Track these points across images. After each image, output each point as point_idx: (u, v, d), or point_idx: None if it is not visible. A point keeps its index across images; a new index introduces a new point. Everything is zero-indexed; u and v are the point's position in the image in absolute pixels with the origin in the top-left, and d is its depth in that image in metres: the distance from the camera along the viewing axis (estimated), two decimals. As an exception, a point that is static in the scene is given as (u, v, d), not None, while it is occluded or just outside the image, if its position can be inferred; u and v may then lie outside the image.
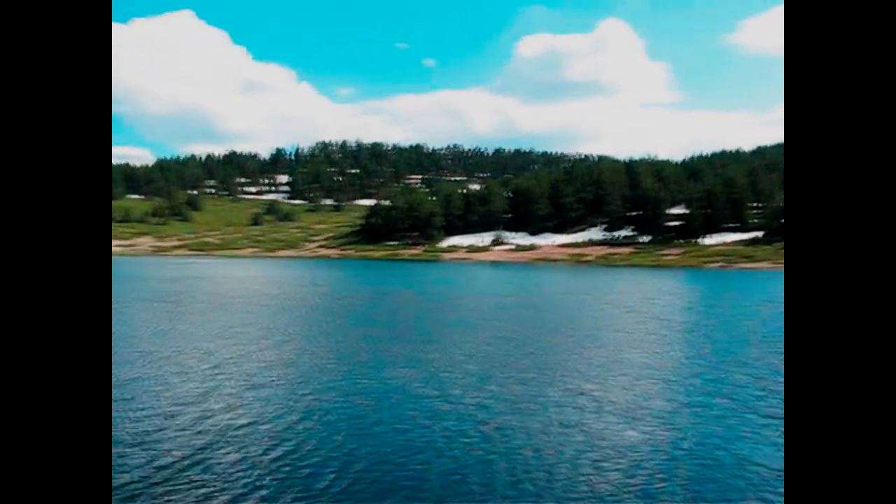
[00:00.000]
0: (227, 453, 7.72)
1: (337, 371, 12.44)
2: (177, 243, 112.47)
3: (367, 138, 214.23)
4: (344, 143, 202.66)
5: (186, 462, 7.45)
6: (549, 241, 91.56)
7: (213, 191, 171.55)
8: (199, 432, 8.39)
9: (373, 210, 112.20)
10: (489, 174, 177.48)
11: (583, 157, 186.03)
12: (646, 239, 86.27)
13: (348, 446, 8.27)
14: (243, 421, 9.04)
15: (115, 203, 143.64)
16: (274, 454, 7.77)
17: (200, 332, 16.30)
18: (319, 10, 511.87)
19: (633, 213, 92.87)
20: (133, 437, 8.24)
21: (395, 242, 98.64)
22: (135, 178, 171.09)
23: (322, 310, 22.69)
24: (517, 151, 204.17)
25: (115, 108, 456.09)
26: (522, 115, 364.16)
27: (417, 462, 7.91)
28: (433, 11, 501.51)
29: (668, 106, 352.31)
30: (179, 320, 18.80)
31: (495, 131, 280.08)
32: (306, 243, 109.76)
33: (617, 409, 10.57)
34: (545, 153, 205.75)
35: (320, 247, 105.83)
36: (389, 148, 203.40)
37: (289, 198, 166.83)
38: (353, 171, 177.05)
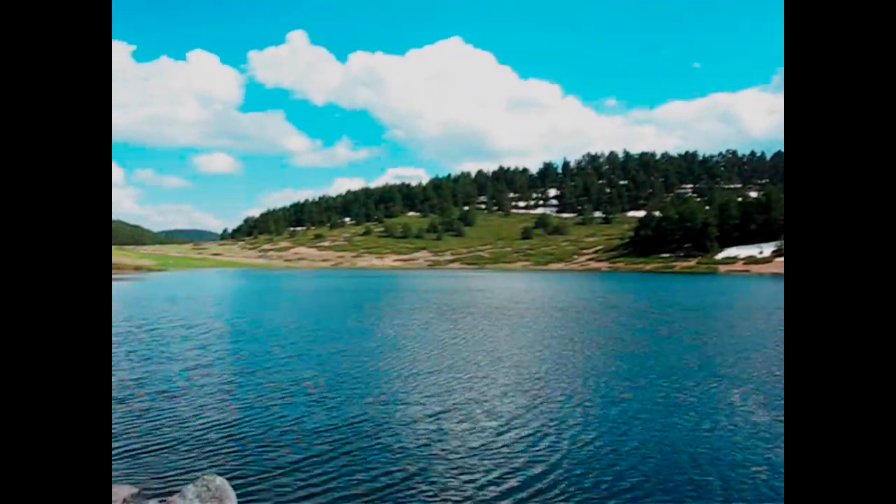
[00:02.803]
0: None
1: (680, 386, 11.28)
2: (451, 257, 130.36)
3: (636, 148, 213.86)
4: (612, 153, 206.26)
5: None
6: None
7: (484, 206, 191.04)
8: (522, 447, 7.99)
9: (643, 222, 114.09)
10: (768, 180, 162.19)
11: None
12: None
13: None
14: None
15: (393, 220, 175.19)
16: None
17: (521, 341, 16.77)
18: (580, 23, 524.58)
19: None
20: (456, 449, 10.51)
21: (668, 255, 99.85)
22: (412, 197, 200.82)
23: (629, 323, 22.05)
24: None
25: (393, 134, 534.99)
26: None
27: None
28: (696, 12, 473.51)
29: None
30: (497, 328, 19.62)
31: (775, 133, 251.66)
32: (576, 256, 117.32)
33: None
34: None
35: (590, 259, 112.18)
36: (659, 157, 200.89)
37: (558, 211, 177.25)
38: (622, 182, 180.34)
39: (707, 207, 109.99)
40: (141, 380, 11.42)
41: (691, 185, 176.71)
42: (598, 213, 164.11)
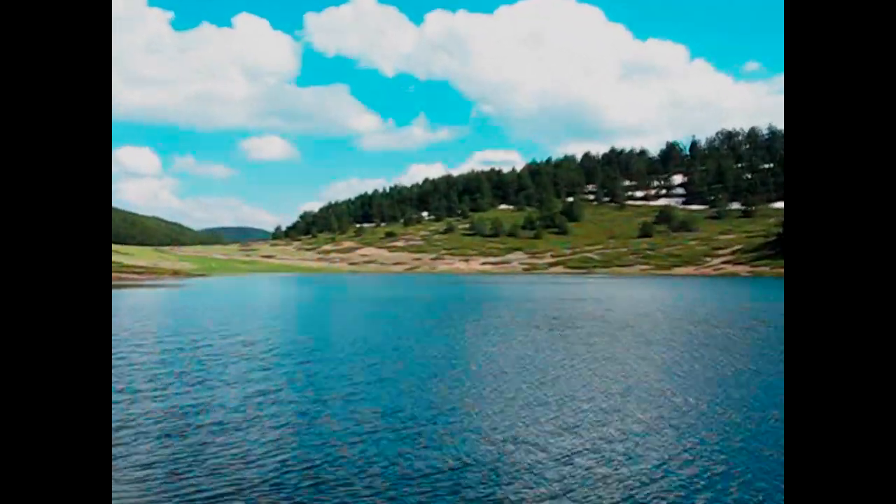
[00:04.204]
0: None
1: None
2: (552, 260, 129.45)
3: (783, 124, 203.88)
4: (752, 130, 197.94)
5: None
6: None
7: (592, 197, 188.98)
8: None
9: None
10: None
11: None
12: None
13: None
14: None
15: (481, 215, 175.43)
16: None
17: (657, 365, 16.42)
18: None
19: None
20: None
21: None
22: (503, 186, 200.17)
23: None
24: None
25: (480, 110, 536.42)
26: None
27: None
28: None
29: None
30: (624, 349, 19.27)
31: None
32: (708, 258, 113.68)
33: None
34: None
35: (725, 262, 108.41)
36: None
37: (685, 202, 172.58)
38: (766, 166, 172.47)
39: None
40: (198, 406, 11.58)
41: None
42: (735, 205, 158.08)
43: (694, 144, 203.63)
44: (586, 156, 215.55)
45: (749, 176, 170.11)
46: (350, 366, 15.96)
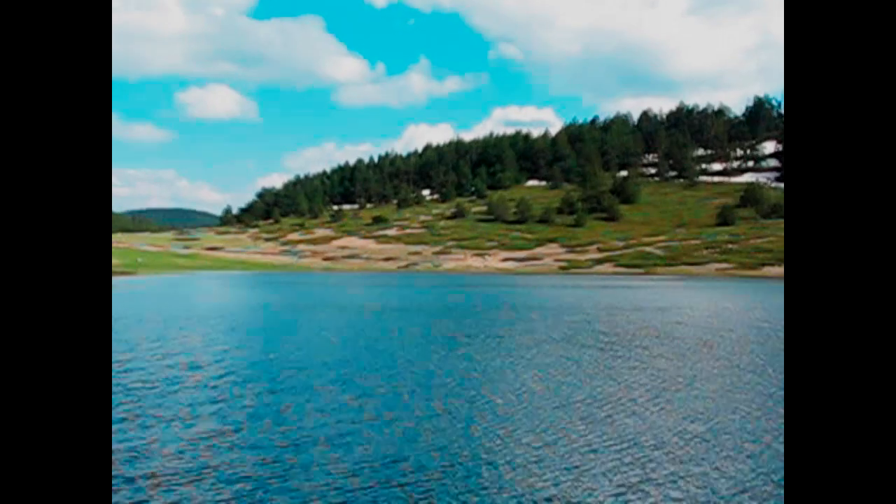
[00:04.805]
0: None
1: None
2: (597, 255, 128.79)
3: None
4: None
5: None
6: None
7: (653, 171, 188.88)
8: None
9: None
10: None
11: None
12: None
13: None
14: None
15: (503, 194, 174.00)
16: None
17: (751, 396, 17.54)
18: None
19: None
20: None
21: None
22: (533, 156, 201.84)
23: None
24: None
25: (502, 53, 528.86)
26: None
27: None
28: None
29: None
30: (707, 377, 20.15)
31: None
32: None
33: None
34: None
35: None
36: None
37: (778, 178, 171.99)
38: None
39: None
40: (127, 452, 11.56)
41: None
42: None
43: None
44: (645, 115, 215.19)
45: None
46: (330, 396, 16.01)
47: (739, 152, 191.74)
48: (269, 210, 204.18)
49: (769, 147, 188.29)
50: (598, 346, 25.59)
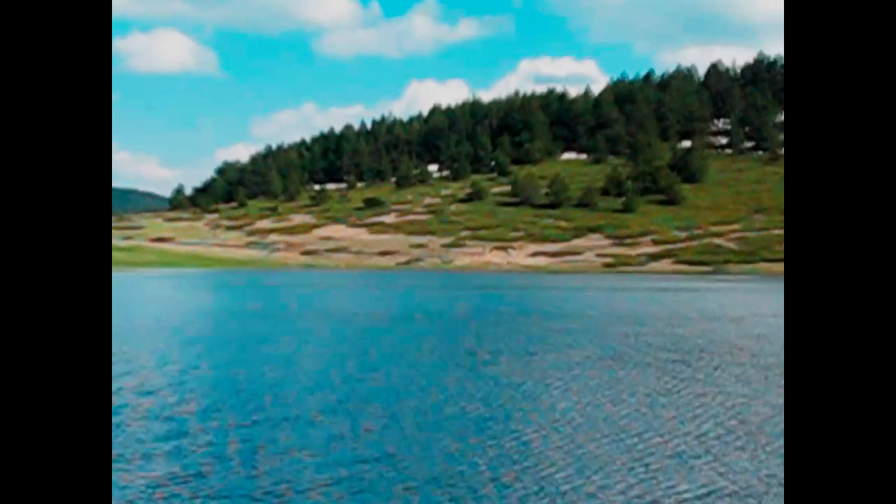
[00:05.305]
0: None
1: None
2: (653, 249, 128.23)
3: None
4: None
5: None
6: None
7: (725, 141, 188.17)
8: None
9: None
10: None
11: None
12: None
13: None
14: None
15: (531, 169, 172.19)
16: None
17: None
18: None
19: None
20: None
21: None
22: (570, 121, 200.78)
23: None
24: None
25: (541, 7, 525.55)
26: None
27: None
28: None
29: None
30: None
31: None
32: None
33: None
34: None
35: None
36: None
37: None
38: None
39: None
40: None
41: None
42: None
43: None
44: (714, 69, 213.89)
45: None
46: (317, 431, 16.15)
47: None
48: (231, 190, 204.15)
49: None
50: (657, 365, 25.83)
